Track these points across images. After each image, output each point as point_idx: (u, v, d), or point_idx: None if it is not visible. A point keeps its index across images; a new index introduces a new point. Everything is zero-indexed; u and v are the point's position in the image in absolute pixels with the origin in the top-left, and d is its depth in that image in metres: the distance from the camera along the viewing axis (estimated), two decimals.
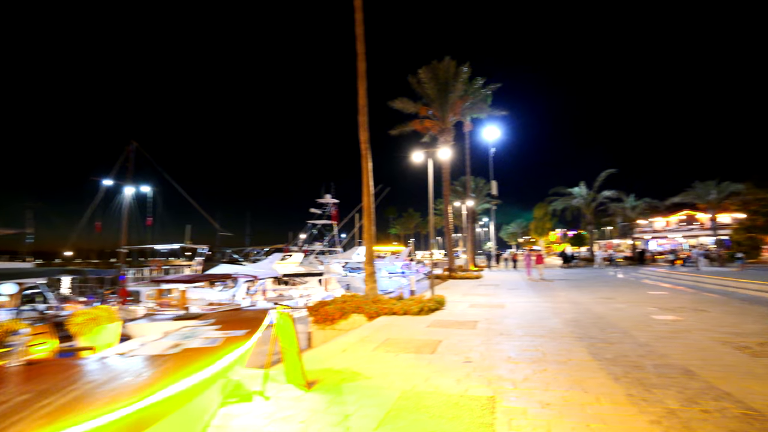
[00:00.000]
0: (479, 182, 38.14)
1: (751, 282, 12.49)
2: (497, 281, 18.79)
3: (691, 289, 13.88)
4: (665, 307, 9.42)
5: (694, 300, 10.75)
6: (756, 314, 8.22)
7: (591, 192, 35.69)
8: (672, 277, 17.75)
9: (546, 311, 9.30)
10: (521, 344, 6.12)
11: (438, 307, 9.70)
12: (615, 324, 7.50)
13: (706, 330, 6.77)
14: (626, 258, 37.43)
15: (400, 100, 21.51)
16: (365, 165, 10.80)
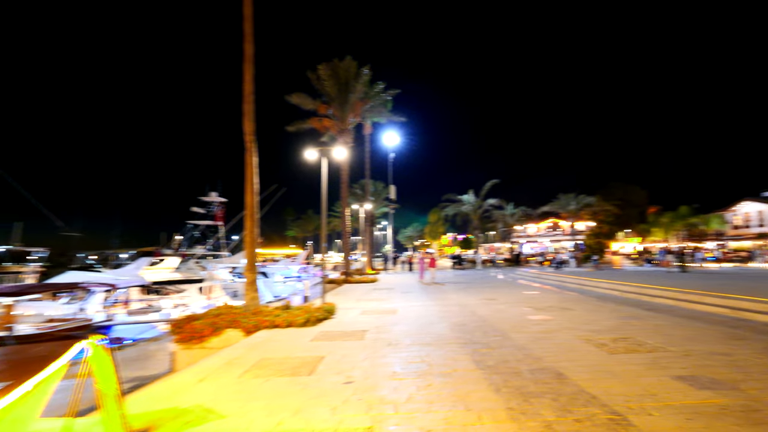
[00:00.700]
0: (378, 186, 38.80)
1: (603, 281, 14.44)
2: (392, 284, 18.90)
3: (557, 288, 15.55)
4: (538, 307, 10.18)
5: (560, 299, 11.91)
6: (608, 310, 9.28)
7: (478, 200, 38.96)
8: (541, 278, 19.87)
9: (435, 315, 9.31)
10: (408, 355, 5.80)
11: (327, 316, 9.06)
12: (496, 326, 7.72)
13: (571, 329, 7.30)
14: (505, 260, 41.55)
15: (297, 95, 20.46)
16: (249, 159, 9.69)
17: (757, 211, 41.09)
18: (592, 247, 45.33)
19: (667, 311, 8.98)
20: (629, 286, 12.51)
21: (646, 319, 8.01)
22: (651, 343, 5.99)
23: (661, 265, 28.40)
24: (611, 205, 42.32)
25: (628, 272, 22.43)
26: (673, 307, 9.52)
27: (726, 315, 8.12)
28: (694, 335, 6.49)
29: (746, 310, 7.86)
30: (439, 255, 66.04)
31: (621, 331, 6.91)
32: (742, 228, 42.76)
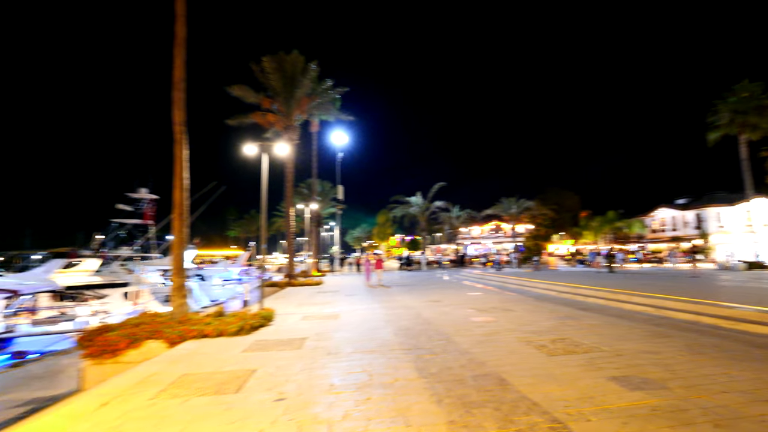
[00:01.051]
0: (326, 186, 38.08)
1: (541, 282, 15.05)
2: (338, 287, 18.44)
3: (498, 289, 15.98)
4: (481, 308, 10.28)
5: (502, 300, 12.18)
6: (546, 311, 9.56)
7: (425, 202, 39.55)
8: (484, 279, 20.43)
9: (380, 319, 9.05)
10: (349, 365, 5.45)
11: (264, 323, 8.45)
12: (441, 330, 7.61)
13: (513, 330, 7.36)
14: (451, 261, 42.58)
15: (239, 87, 19.33)
16: (179, 152, 8.83)
17: (671, 216, 45.68)
18: (531, 248, 47.85)
19: (599, 310, 9.43)
20: (564, 286, 13.11)
21: (581, 319, 8.32)
22: (587, 344, 6.13)
23: (591, 266, 30.53)
24: (548, 209, 44.94)
25: (563, 273, 23.73)
26: (605, 306, 10.04)
27: (650, 313, 8.65)
28: (624, 334, 6.77)
29: (668, 309, 8.43)
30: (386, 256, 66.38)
31: (559, 332, 7.07)
32: (659, 232, 47.34)
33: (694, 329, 6.98)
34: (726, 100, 24.65)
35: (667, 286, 12.47)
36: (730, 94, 24.47)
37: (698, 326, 7.20)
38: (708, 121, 25.96)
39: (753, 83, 23.87)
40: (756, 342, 5.94)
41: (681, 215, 43.93)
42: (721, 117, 24.82)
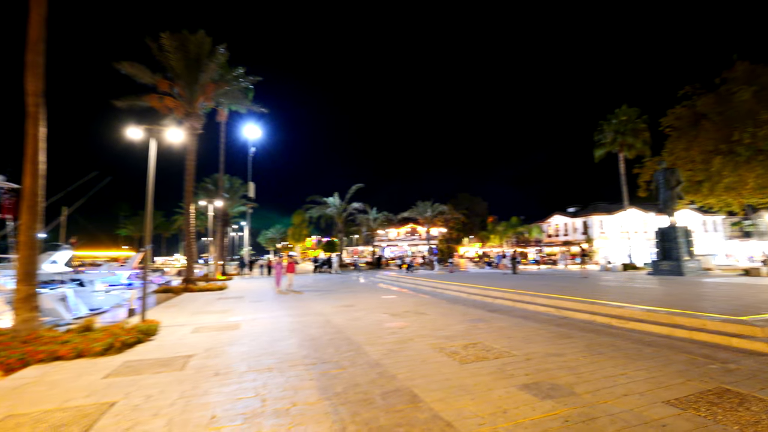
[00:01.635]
0: (235, 182, 35.39)
1: (453, 284, 15.32)
2: (243, 292, 16.91)
3: (412, 291, 15.96)
4: (394, 312, 9.94)
5: (416, 303, 12.03)
6: (458, 314, 9.54)
7: (343, 203, 38.91)
8: (399, 281, 20.44)
9: (285, 329, 8.18)
10: (239, 388, 4.58)
11: (141, 338, 7.08)
12: (352, 338, 7.02)
13: (426, 336, 7.06)
14: (367, 263, 42.47)
15: (131, 65, 16.76)
16: (33, 130, 7.06)
17: (564, 223, 51.21)
18: (443, 251, 49.95)
19: (507, 312, 9.66)
20: (475, 288, 13.46)
21: (491, 321, 8.37)
22: (497, 348, 6.02)
23: (498, 268, 32.65)
24: (460, 214, 47.34)
25: (472, 274, 24.82)
26: (512, 308, 10.37)
27: (553, 314, 9.05)
28: (531, 336, 6.85)
29: (567, 309, 8.89)
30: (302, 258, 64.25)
31: (471, 336, 6.93)
32: (554, 237, 52.77)
33: (591, 329, 7.34)
34: (610, 122, 28.21)
35: (564, 287, 13.44)
36: (613, 117, 28.09)
37: (594, 326, 7.61)
38: (595, 140, 29.48)
39: (630, 108, 27.66)
40: (645, 340, 6.35)
41: (572, 222, 49.45)
42: (606, 136, 28.32)
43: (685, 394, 4.04)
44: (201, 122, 18.73)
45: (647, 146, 27.68)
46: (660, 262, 19.24)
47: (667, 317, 6.98)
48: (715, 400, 3.89)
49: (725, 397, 3.94)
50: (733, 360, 5.12)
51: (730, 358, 5.23)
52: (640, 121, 27.64)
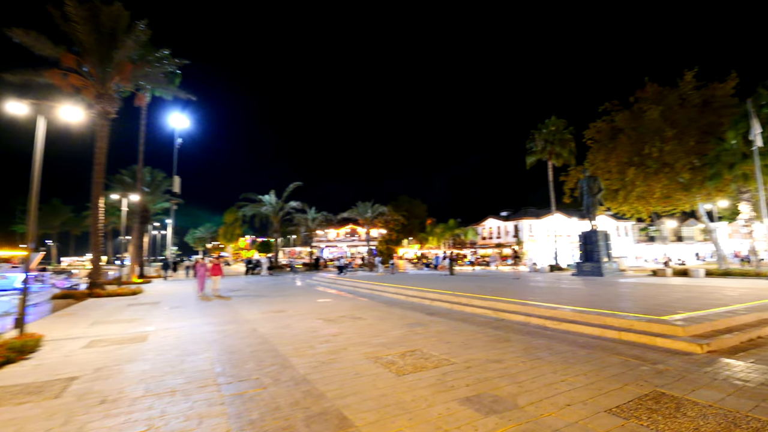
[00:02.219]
0: (158, 175, 32.23)
1: (391, 285, 14.98)
2: (161, 297, 15.20)
3: (350, 294, 15.38)
4: (329, 318, 9.29)
5: (353, 306, 11.46)
6: (396, 318, 9.13)
7: (280, 201, 37.19)
8: (337, 283, 19.75)
9: (201, 340, 7.18)
10: (126, 421, 3.69)
11: (13, 357, 5.75)
12: (278, 349, 6.28)
13: (361, 343, 6.53)
14: (305, 264, 41.10)
15: (25, 32, 14.24)
16: None
17: (497, 226, 53.73)
18: (383, 252, 49.96)
19: (445, 315, 9.44)
20: (413, 290, 13.22)
21: (430, 325, 8.05)
22: (437, 356, 5.65)
23: (437, 269, 33.15)
24: (400, 215, 47.63)
25: (411, 276, 24.81)
26: (450, 310, 10.19)
27: (489, 316, 8.97)
28: (470, 340, 6.59)
29: (503, 311, 8.86)
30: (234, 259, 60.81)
31: (409, 342, 6.51)
32: (488, 239, 55.15)
33: (527, 331, 7.29)
34: (540, 131, 29.92)
35: (499, 288, 13.66)
36: (543, 126, 29.83)
37: (529, 327, 7.58)
38: (527, 147, 31.10)
39: (559, 119, 29.59)
40: (578, 341, 6.35)
41: (504, 225, 52.01)
42: (537, 144, 29.99)
43: (625, 401, 3.90)
44: (115, 105, 16.53)
45: (573, 156, 29.69)
46: (583, 263, 20.54)
47: (597, 318, 7.11)
48: (653, 406, 3.78)
49: (662, 402, 3.85)
50: (661, 360, 5.20)
51: (658, 358, 5.31)
52: (567, 132, 29.59)
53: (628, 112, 25.80)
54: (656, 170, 23.59)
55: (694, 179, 23.06)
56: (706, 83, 24.00)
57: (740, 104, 21.68)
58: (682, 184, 23.78)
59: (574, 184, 29.05)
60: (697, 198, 24.72)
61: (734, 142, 20.52)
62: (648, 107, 24.50)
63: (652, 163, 23.44)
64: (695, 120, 23.65)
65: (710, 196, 24.78)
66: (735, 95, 23.36)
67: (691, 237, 50.21)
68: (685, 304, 8.51)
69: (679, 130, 23.44)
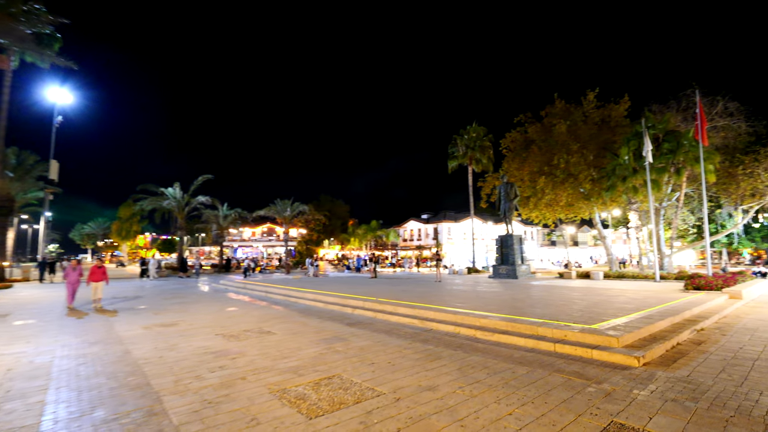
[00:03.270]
0: (29, 158, 26.67)
1: (309, 291, 13.65)
2: (15, 307, 12.11)
3: (262, 300, 13.73)
4: (231, 333, 7.76)
5: (262, 317, 9.97)
6: (312, 331, 7.93)
7: (186, 195, 33.26)
8: (248, 287, 17.80)
9: (43, 373, 5.30)
10: None
11: None
12: (150, 383, 4.73)
13: (266, 369, 5.25)
14: (214, 266, 37.50)
15: None
16: None
17: (418, 228, 54.73)
18: (302, 253, 47.88)
19: (368, 325, 8.47)
20: (333, 296, 12.08)
21: (350, 340, 7.00)
22: (359, 384, 4.62)
23: (360, 272, 32.26)
24: (321, 215, 45.98)
25: (332, 279, 23.60)
26: (373, 320, 9.25)
27: (416, 326, 8.21)
28: (397, 360, 5.68)
29: (431, 320, 8.15)
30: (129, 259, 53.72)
31: (325, 365, 5.39)
32: (409, 241, 55.91)
33: (458, 344, 6.61)
34: (462, 137, 30.76)
35: (424, 293, 13.11)
36: (465, 132, 30.72)
37: (460, 339, 6.93)
38: (449, 152, 31.77)
39: (480, 126, 30.72)
40: (514, 356, 5.78)
41: (425, 228, 53.14)
42: (459, 149, 30.78)
43: None
44: None
45: (491, 162, 30.96)
46: (499, 266, 21.18)
47: (530, 328, 6.68)
48: None
49: None
50: (604, 378, 4.77)
51: (600, 375, 4.88)
52: (487, 140, 30.78)
53: (539, 124, 27.56)
54: (563, 180, 25.40)
55: (593, 189, 25.23)
56: (604, 104, 26.51)
57: (632, 124, 24.24)
58: (584, 194, 25.95)
59: (491, 190, 30.38)
60: (595, 207, 27.24)
61: (627, 158, 22.70)
62: (557, 122, 26.37)
63: (559, 173, 25.17)
64: (595, 136, 25.98)
65: (606, 206, 27.42)
66: (627, 116, 26.10)
67: (585, 242, 56.18)
68: (604, 308, 8.61)
69: (581, 145, 25.52)
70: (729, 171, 24.12)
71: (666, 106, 25.60)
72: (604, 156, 25.05)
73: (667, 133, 22.46)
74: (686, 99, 24.96)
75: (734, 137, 24.70)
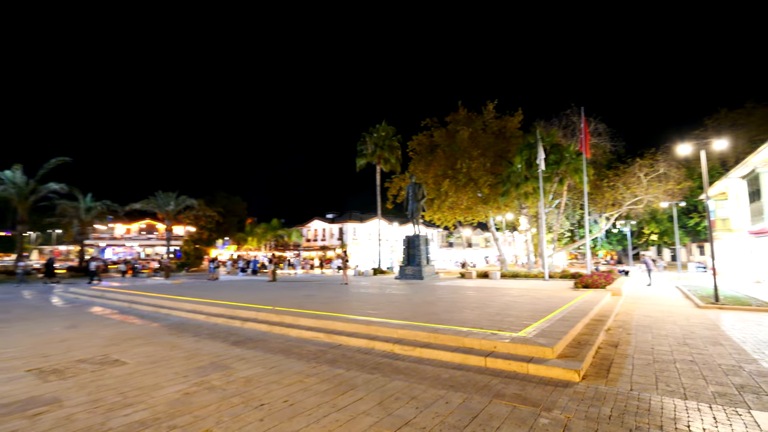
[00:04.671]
0: None
1: (187, 300, 11.22)
2: None
3: (124, 314, 10.90)
4: (55, 366, 5.45)
5: (115, 337, 7.56)
6: (181, 357, 5.99)
7: (32, 182, 26.57)
8: (107, 296, 14.32)
9: None
10: None
11: None
12: None
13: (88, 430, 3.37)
14: (71, 269, 30.85)
15: None
16: None
17: (323, 228, 52.80)
18: (190, 254, 42.58)
19: (261, 343, 6.79)
20: (219, 306, 9.97)
21: (235, 368, 5.32)
22: None
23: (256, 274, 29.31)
24: (214, 211, 41.39)
25: (223, 283, 20.78)
26: (267, 334, 7.56)
27: (322, 341, 6.80)
28: (297, 395, 4.23)
29: (339, 333, 6.83)
30: None
31: (189, 417, 3.69)
32: (313, 241, 53.62)
33: (375, 364, 5.40)
34: (372, 135, 30.05)
35: (330, 298, 11.73)
36: (375, 131, 30.08)
37: (376, 357, 5.73)
38: (358, 149, 30.82)
39: (389, 126, 30.34)
40: (442, 377, 4.75)
41: (330, 227, 51.46)
42: (368, 148, 29.99)
43: None
44: None
45: (399, 163, 30.85)
46: (406, 267, 20.77)
47: (455, 339, 5.79)
48: None
49: None
50: (553, 402, 3.97)
51: (546, 398, 4.08)
52: (396, 140, 30.58)
53: (444, 129, 28.25)
54: (465, 183, 26.27)
55: (490, 194, 26.60)
56: (501, 115, 28.21)
57: (524, 136, 26.14)
58: (482, 198, 27.25)
59: (397, 191, 30.34)
60: (490, 211, 28.85)
61: (519, 166, 24.25)
62: (460, 128, 27.28)
63: (462, 177, 25.98)
64: (493, 144, 27.48)
65: (501, 210, 29.20)
66: (521, 128, 28.14)
67: (478, 244, 60.36)
68: (519, 310, 8.25)
69: (482, 152, 26.75)
70: (596, 183, 27.46)
71: (550, 122, 28.13)
72: (501, 164, 26.57)
73: (553, 146, 24.52)
74: (566, 118, 27.85)
75: (601, 154, 28.25)
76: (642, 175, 26.32)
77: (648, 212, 31.00)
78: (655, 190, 25.93)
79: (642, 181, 26.22)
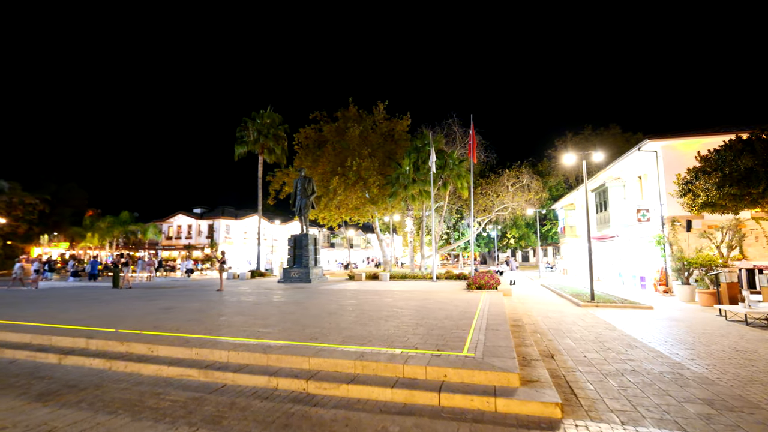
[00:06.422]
0: None
1: None
2: None
3: None
4: None
5: None
6: None
7: None
8: None
9: None
10: None
11: None
12: None
13: None
14: None
15: None
16: None
17: (188, 224, 46.04)
18: None
19: (90, 393, 4.41)
20: (22, 330, 6.80)
21: None
22: None
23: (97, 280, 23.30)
24: (37, 199, 32.40)
25: (43, 293, 15.77)
26: (105, 375, 5.09)
27: (194, 381, 4.74)
28: None
29: (223, 367, 4.85)
30: None
31: None
32: (175, 239, 46.35)
33: (276, 418, 3.71)
34: (254, 120, 26.85)
35: (202, 312, 9.26)
36: (258, 116, 26.96)
37: (280, 405, 4.04)
38: (237, 135, 27.28)
39: (275, 113, 27.49)
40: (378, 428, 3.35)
41: (197, 224, 45.15)
42: (250, 134, 26.69)
43: None
44: None
45: (285, 155, 28.38)
46: (291, 268, 18.75)
47: (391, 368, 4.47)
48: None
49: None
50: None
51: None
52: (282, 129, 28.03)
53: (334, 125, 27.00)
54: (354, 182, 25.40)
55: (379, 195, 26.27)
56: (391, 117, 28.21)
57: (412, 139, 26.54)
58: (370, 198, 26.75)
59: (281, 186, 27.92)
60: (377, 212, 28.58)
61: (408, 169, 24.41)
62: (351, 125, 26.35)
63: (351, 176, 25.03)
64: (382, 145, 27.28)
65: (388, 210, 29.16)
66: (408, 132, 28.55)
67: (359, 245, 60.54)
68: (439, 320, 7.36)
69: (372, 151, 26.30)
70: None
71: (433, 130, 29.21)
72: (390, 165, 26.47)
73: (438, 151, 25.36)
74: (448, 126, 29.34)
75: (476, 164, 30.63)
76: (509, 185, 29.21)
77: (512, 218, 34.67)
78: (519, 199, 28.97)
79: (509, 190, 29.07)
